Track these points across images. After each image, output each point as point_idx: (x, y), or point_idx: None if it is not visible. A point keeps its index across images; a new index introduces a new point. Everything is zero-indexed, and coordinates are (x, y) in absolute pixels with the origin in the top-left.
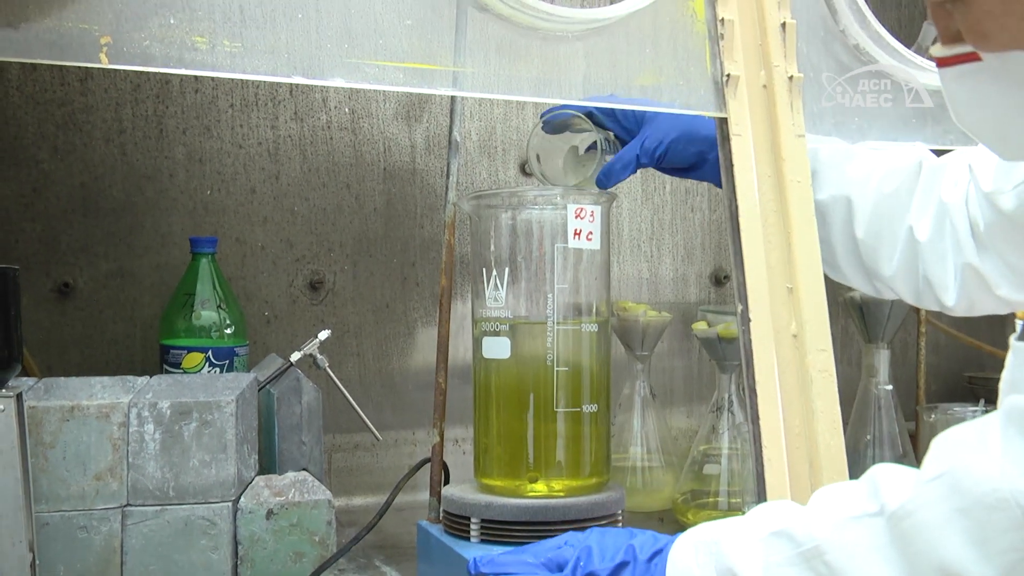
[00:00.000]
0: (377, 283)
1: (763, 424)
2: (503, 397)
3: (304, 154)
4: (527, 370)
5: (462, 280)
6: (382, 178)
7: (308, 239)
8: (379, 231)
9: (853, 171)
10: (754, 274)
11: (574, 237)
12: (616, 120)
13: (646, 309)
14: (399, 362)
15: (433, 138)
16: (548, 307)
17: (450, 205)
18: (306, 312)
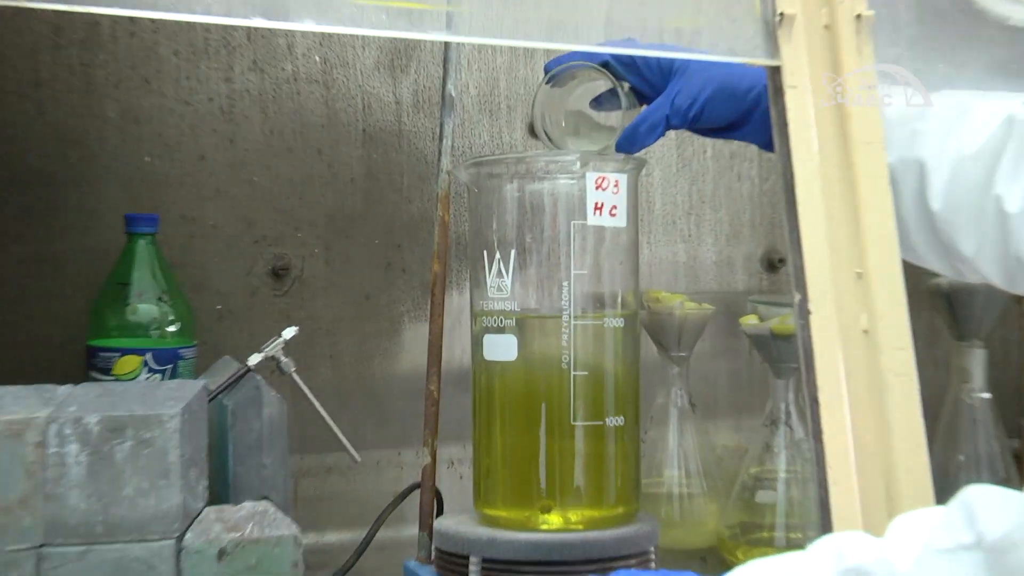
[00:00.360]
0: (355, 270)
1: (827, 441)
2: (509, 408)
3: (265, 113)
4: (538, 375)
5: (459, 266)
6: (361, 142)
7: (270, 216)
8: (357, 206)
9: (926, 128)
10: (815, 256)
11: (595, 212)
12: (638, 72)
13: (683, 300)
14: (382, 366)
15: (423, 93)
16: (563, 298)
17: (443, 174)
18: (268, 305)
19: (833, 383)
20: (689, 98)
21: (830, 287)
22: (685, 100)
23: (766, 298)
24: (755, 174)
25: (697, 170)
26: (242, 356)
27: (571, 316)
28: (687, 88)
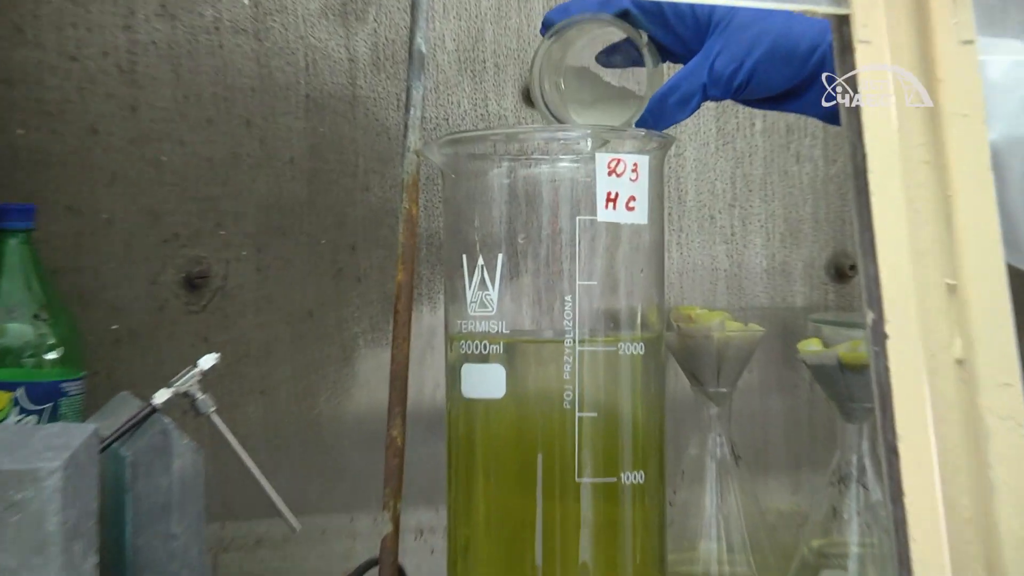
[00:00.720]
0: (295, 278)
1: (910, 504)
2: (495, 461)
3: (177, 72)
4: (533, 417)
5: (431, 273)
6: (303, 110)
7: (184, 207)
8: (298, 195)
9: None
10: (893, 263)
11: (607, 206)
12: (666, 24)
13: (724, 319)
14: (330, 404)
15: (385, 47)
16: (566, 317)
17: (411, 154)
18: (180, 325)
19: (917, 428)
20: (733, 61)
21: (913, 303)
22: (728, 64)
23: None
24: (819, 154)
25: (743, 148)
26: (145, 392)
27: (575, 340)
28: (730, 48)
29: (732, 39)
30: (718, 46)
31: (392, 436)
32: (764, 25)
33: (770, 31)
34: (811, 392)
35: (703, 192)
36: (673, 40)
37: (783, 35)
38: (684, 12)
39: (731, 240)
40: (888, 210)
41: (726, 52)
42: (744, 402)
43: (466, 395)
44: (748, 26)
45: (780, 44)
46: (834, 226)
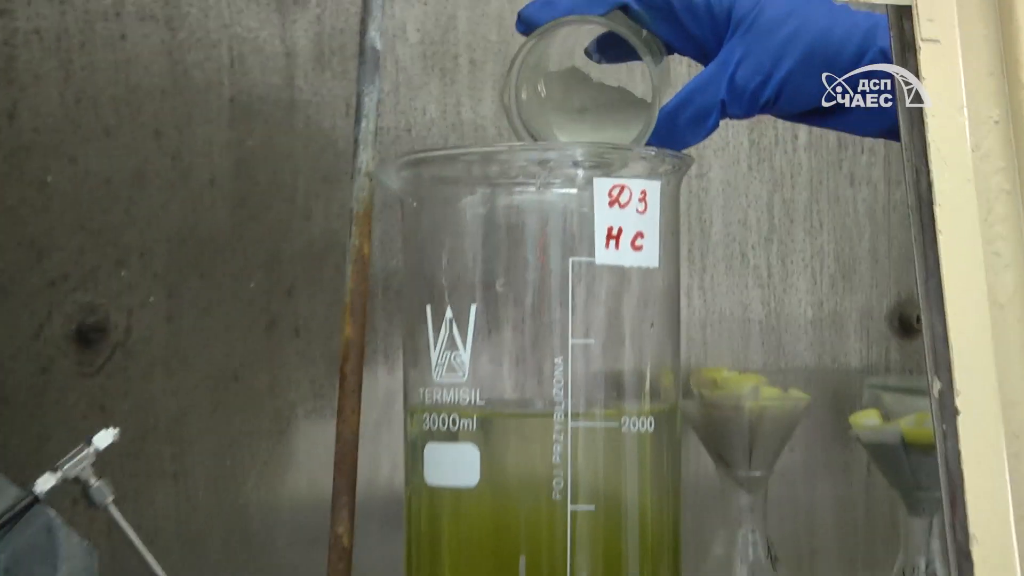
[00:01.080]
0: (216, 330)
1: None
2: (465, 565)
3: (67, 70)
4: (514, 511)
5: (388, 326)
6: (227, 118)
7: (76, 241)
8: (221, 225)
9: None
10: (965, 318)
11: (608, 244)
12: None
13: (758, 384)
14: (259, 491)
15: (330, 39)
16: (556, 383)
17: (363, 178)
18: (71, 390)
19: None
20: (759, 73)
21: (992, 371)
22: (752, 76)
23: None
24: (878, 175)
25: (783, 167)
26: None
27: (567, 414)
28: (755, 55)
29: (757, 43)
30: (739, 52)
31: (337, 534)
32: (798, 24)
33: (806, 32)
34: (868, 477)
35: (732, 223)
36: (685, 42)
37: (822, 37)
38: (697, 5)
39: (768, 283)
40: (960, 252)
41: (750, 60)
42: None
43: (430, 482)
44: (778, 26)
45: (818, 49)
46: (898, 266)
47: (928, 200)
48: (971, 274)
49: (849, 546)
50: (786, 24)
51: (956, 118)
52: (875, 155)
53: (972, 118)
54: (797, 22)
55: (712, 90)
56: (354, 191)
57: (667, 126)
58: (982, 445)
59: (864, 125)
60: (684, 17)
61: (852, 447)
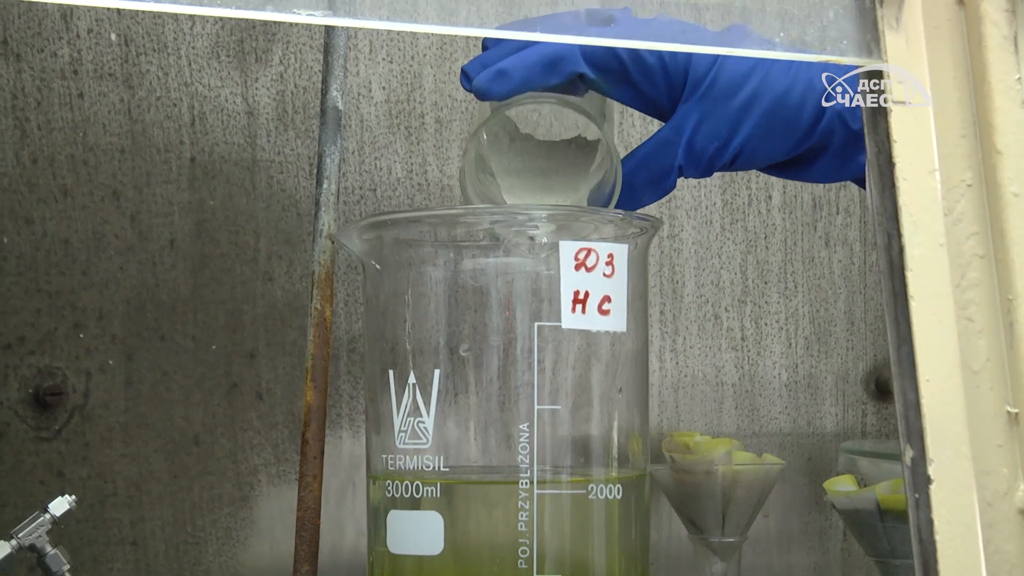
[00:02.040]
0: (176, 395)
1: None
2: None
3: (23, 128)
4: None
5: (352, 390)
6: (187, 178)
7: (32, 304)
8: (181, 287)
9: None
10: (938, 386)
11: (574, 309)
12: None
13: (731, 448)
14: (220, 558)
15: (293, 97)
16: (521, 450)
17: (324, 240)
18: (27, 456)
19: None
20: (715, 139)
21: (965, 438)
22: (708, 143)
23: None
24: (854, 236)
25: (757, 228)
26: None
27: (533, 481)
28: (711, 121)
29: (714, 109)
30: (695, 117)
31: None
32: (756, 86)
33: (764, 95)
34: (845, 541)
35: (705, 284)
36: (641, 103)
37: (782, 98)
38: (653, 68)
39: (742, 346)
40: (932, 318)
41: (706, 126)
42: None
43: (393, 550)
44: (735, 89)
45: (777, 113)
46: (875, 328)
47: (900, 265)
48: (944, 340)
49: None
50: (744, 87)
51: (928, 181)
52: (851, 216)
53: (944, 181)
54: (755, 84)
55: (668, 154)
56: (315, 253)
57: (624, 187)
58: (955, 515)
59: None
60: (639, 80)
61: (828, 513)
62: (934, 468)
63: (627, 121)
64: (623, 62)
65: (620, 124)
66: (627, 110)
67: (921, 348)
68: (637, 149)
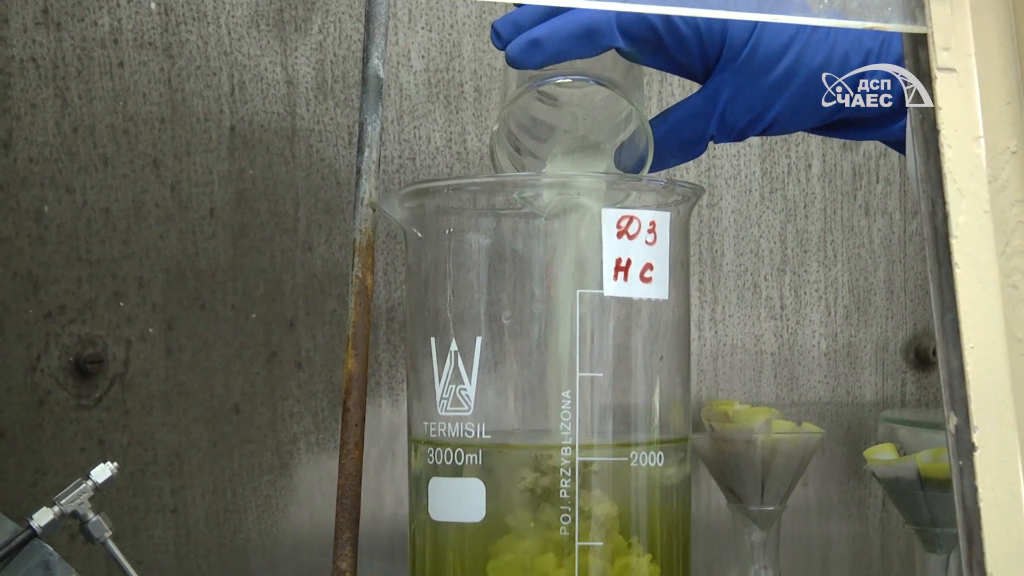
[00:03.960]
0: (216, 363)
1: None
2: None
3: (64, 97)
4: (520, 547)
5: (392, 359)
6: (227, 148)
7: (73, 272)
8: (221, 256)
9: None
10: (983, 353)
11: (616, 276)
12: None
13: (770, 417)
14: (260, 527)
15: (333, 66)
16: (563, 417)
17: (365, 208)
18: (68, 424)
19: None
20: (749, 112)
21: (1010, 406)
22: (742, 116)
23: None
24: (894, 205)
25: (796, 197)
26: (22, 511)
27: (575, 448)
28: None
29: (749, 82)
30: (730, 89)
31: (341, 570)
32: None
33: (800, 70)
34: (884, 511)
35: (744, 253)
36: (676, 69)
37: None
38: (687, 37)
39: (780, 315)
40: (977, 286)
41: (740, 100)
42: (797, 525)
43: (435, 517)
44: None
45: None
46: (914, 298)
47: (944, 233)
48: (988, 308)
49: None
50: (782, 60)
51: (973, 149)
52: (891, 185)
53: (989, 149)
54: (793, 57)
55: (700, 123)
56: (356, 222)
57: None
58: (999, 481)
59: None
60: (673, 48)
61: (867, 482)
62: (978, 435)
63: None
64: (657, 31)
65: (659, 91)
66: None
67: (966, 316)
68: (669, 114)
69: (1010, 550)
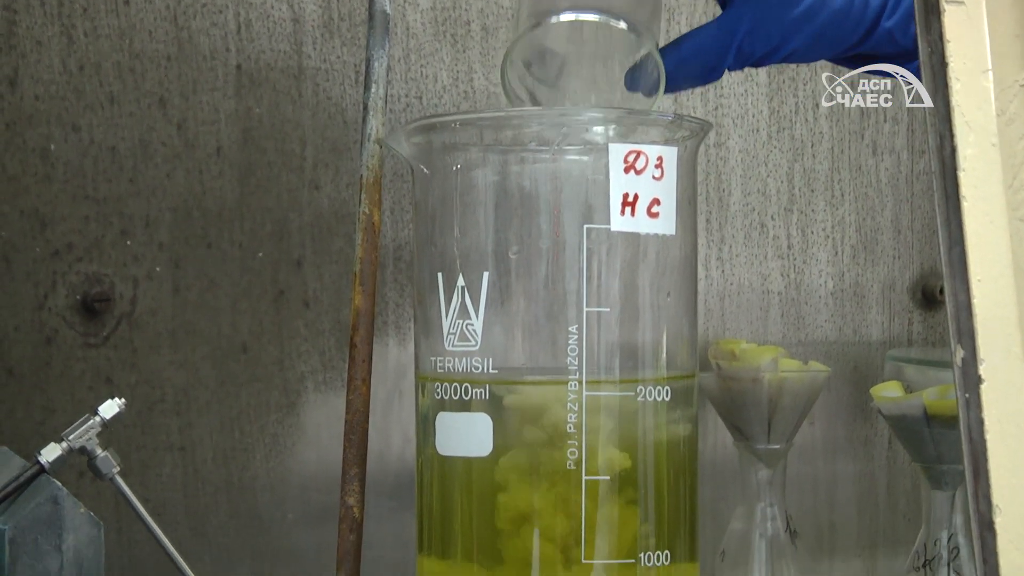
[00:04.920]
0: (223, 302)
1: None
2: (478, 537)
3: (69, 35)
4: (527, 482)
5: (399, 297)
6: (233, 86)
7: (79, 211)
8: (227, 195)
9: None
10: (990, 286)
11: (623, 212)
12: None
13: (777, 356)
14: (267, 465)
15: (339, 4)
16: (570, 352)
17: (372, 144)
18: (75, 362)
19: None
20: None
21: (1017, 338)
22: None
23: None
24: (902, 144)
25: (803, 136)
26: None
27: (581, 382)
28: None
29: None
30: (748, 22)
31: (348, 505)
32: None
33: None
34: (890, 449)
35: (752, 193)
36: None
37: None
38: None
39: (787, 255)
40: (984, 219)
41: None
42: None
43: (442, 452)
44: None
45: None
46: (922, 237)
47: (952, 166)
48: (996, 241)
49: (869, 521)
50: None
51: (981, 82)
52: (898, 124)
53: (997, 82)
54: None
55: (716, 53)
56: (363, 158)
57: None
58: (1005, 414)
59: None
60: None
61: (873, 421)
62: (985, 368)
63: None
64: None
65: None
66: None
67: (973, 249)
68: (683, 41)
69: (1016, 482)
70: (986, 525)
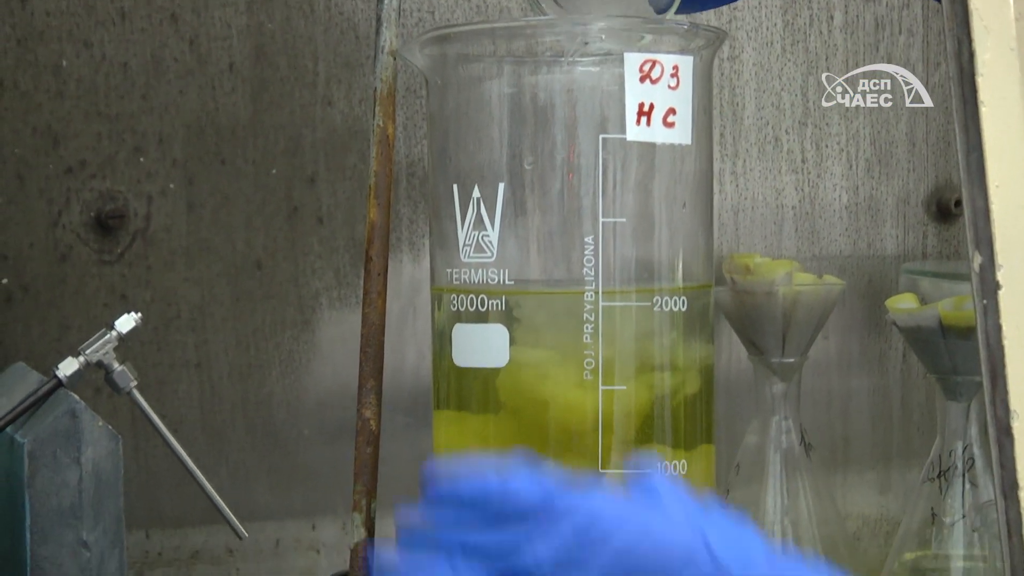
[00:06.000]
0: (237, 218)
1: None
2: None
3: None
4: (544, 391)
5: (412, 212)
6: (246, 2)
7: (92, 128)
8: (240, 111)
9: None
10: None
11: (639, 121)
12: None
13: (792, 270)
14: (283, 381)
15: None
16: (586, 263)
17: (386, 56)
18: (91, 278)
19: None
20: None
21: None
22: None
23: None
24: (916, 56)
25: (818, 49)
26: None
27: (598, 293)
28: None
29: None
30: None
31: (365, 418)
32: None
33: None
34: (904, 363)
35: (766, 106)
36: None
37: None
38: None
39: (802, 169)
40: (1003, 124)
41: None
42: (818, 377)
43: (459, 363)
44: None
45: None
46: (936, 150)
47: (970, 71)
48: (1014, 146)
49: (884, 433)
50: None
51: None
52: (913, 36)
53: None
54: None
55: None
56: (377, 70)
57: None
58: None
59: None
60: None
61: (887, 335)
62: (1003, 273)
63: None
64: None
65: None
66: None
67: (991, 154)
68: None
69: None
70: (1004, 430)
